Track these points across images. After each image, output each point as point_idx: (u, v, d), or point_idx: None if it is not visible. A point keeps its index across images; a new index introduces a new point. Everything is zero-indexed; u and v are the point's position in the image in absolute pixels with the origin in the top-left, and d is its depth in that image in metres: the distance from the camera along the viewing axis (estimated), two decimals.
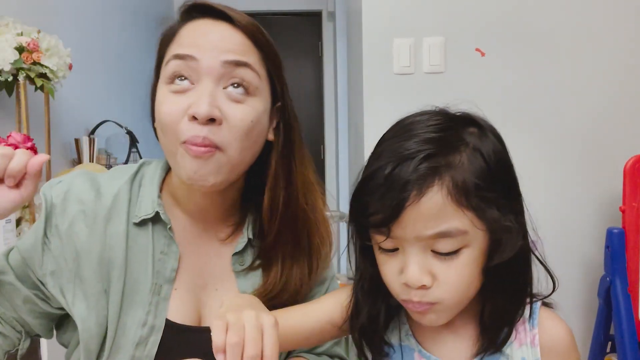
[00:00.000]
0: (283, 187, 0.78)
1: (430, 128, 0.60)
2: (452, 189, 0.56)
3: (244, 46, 0.71)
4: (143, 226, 0.75)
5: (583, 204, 1.74)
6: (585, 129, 1.75)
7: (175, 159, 0.70)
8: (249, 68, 0.71)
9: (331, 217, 2.01)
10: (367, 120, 1.76)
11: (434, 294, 0.60)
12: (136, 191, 0.78)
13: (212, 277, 0.79)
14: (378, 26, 1.73)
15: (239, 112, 0.70)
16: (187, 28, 0.73)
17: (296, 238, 0.79)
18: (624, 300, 1.53)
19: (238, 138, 0.70)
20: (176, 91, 0.70)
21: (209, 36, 0.71)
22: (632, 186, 1.55)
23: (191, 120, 0.68)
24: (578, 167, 1.73)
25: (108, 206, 0.75)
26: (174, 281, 0.76)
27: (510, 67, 1.74)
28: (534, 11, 1.74)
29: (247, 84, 0.71)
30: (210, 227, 0.80)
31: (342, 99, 3.84)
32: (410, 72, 1.73)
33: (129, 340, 0.72)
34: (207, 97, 0.68)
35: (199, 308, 0.78)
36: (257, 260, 0.80)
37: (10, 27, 1.57)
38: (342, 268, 3.91)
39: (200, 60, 0.69)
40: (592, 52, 1.74)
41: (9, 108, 1.69)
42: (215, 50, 0.69)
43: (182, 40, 0.72)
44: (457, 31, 1.73)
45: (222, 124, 0.69)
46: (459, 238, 0.58)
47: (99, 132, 2.38)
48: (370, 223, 0.60)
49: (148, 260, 0.74)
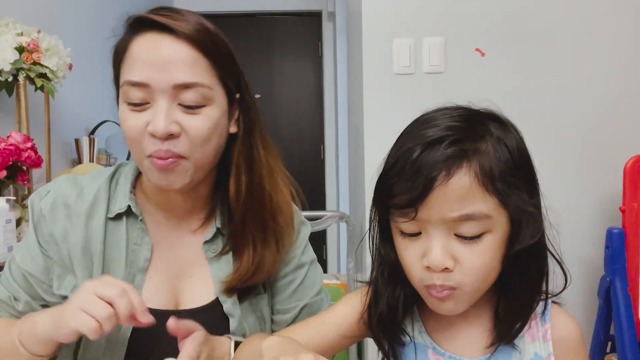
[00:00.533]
0: (246, 174, 0.83)
1: (454, 118, 0.61)
2: (479, 172, 0.58)
3: (191, 61, 0.75)
4: (118, 220, 0.82)
5: (583, 204, 1.74)
6: (586, 129, 1.75)
7: (144, 169, 0.78)
8: (199, 86, 0.75)
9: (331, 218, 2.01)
10: (367, 120, 1.76)
11: (455, 278, 0.60)
12: (114, 189, 0.84)
13: (186, 265, 0.85)
14: (378, 26, 1.73)
15: (196, 122, 0.75)
16: (136, 45, 0.76)
17: (263, 221, 0.84)
18: (624, 300, 1.53)
19: (199, 145, 0.76)
20: (134, 109, 0.76)
21: (156, 54, 0.74)
22: (632, 186, 1.55)
23: (152, 137, 0.74)
24: (578, 167, 1.73)
25: (89, 203, 0.82)
26: (148, 270, 0.82)
27: (510, 67, 1.74)
28: (534, 11, 1.74)
29: (199, 99, 0.75)
30: (182, 220, 0.86)
31: (342, 99, 3.84)
32: (410, 72, 1.73)
33: None
34: (163, 115, 0.73)
35: (176, 294, 0.83)
36: (227, 245, 0.85)
37: (10, 27, 1.57)
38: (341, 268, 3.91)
39: (152, 86, 0.74)
40: (592, 52, 1.74)
41: (9, 108, 1.69)
42: (165, 73, 0.73)
43: (133, 62, 0.75)
44: (457, 31, 1.73)
45: (181, 136, 0.75)
46: (482, 222, 0.59)
47: (99, 132, 2.38)
48: (396, 205, 0.60)
49: (122, 251, 0.81)
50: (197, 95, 0.75)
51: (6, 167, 1.43)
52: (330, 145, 4.19)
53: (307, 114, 4.26)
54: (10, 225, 1.38)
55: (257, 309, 0.86)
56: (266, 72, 4.22)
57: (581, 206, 1.74)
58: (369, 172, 1.76)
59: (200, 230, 0.86)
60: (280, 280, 0.89)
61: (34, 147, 1.52)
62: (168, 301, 0.82)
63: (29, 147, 1.49)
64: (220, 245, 0.85)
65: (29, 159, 1.48)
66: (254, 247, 0.83)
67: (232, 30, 4.17)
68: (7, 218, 1.37)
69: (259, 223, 0.83)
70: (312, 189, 4.21)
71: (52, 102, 1.79)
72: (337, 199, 4.10)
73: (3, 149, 1.41)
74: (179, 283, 0.84)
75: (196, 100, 0.75)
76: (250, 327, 0.84)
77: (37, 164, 1.52)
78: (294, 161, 4.25)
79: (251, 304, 0.85)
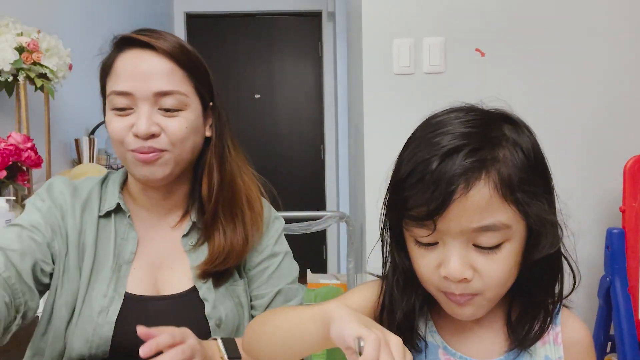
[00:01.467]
0: (217, 171, 0.94)
1: (468, 123, 0.60)
2: (498, 182, 0.57)
3: (169, 71, 0.87)
4: (108, 217, 0.93)
5: (583, 204, 1.74)
6: (585, 129, 1.75)
7: (127, 163, 0.89)
8: (176, 93, 0.87)
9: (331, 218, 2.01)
10: (367, 120, 1.76)
11: (475, 286, 0.60)
12: (104, 191, 0.95)
13: (167, 257, 0.93)
14: (378, 26, 1.73)
15: (174, 124, 0.87)
16: (120, 60, 0.88)
17: (232, 212, 0.94)
18: (624, 300, 1.53)
19: (177, 141, 0.87)
20: (119, 114, 0.87)
21: (139, 67, 0.86)
22: (632, 186, 1.55)
23: (135, 137, 0.85)
24: (578, 167, 1.73)
25: (84, 199, 0.92)
26: (133, 262, 0.91)
27: (510, 67, 1.74)
28: (534, 11, 1.74)
29: (177, 104, 0.87)
30: (162, 217, 0.96)
31: (342, 99, 3.84)
32: (410, 72, 1.73)
33: (93, 309, 0.85)
34: (145, 118, 0.85)
35: (157, 283, 0.91)
36: (201, 237, 0.94)
37: (10, 27, 1.57)
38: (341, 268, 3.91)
39: (135, 94, 0.85)
40: (592, 52, 1.74)
41: (9, 108, 1.69)
42: (146, 82, 0.85)
43: (118, 75, 0.87)
44: (457, 31, 1.73)
45: (161, 135, 0.86)
46: (502, 232, 0.58)
47: (99, 133, 2.38)
48: (413, 217, 0.59)
49: (111, 244, 0.90)
50: (174, 101, 0.87)
51: (6, 167, 1.43)
52: (330, 145, 4.19)
53: (307, 114, 4.26)
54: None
55: (235, 295, 0.94)
56: (266, 72, 4.22)
57: (581, 206, 1.74)
58: (369, 172, 1.76)
59: (178, 225, 0.96)
60: (255, 268, 0.97)
61: (34, 147, 1.52)
62: (149, 288, 0.90)
63: (29, 147, 1.49)
64: (196, 237, 0.95)
65: (28, 159, 1.48)
66: (224, 234, 0.92)
67: (232, 30, 4.17)
68: (7, 218, 1.37)
69: (227, 213, 0.94)
70: (312, 189, 4.21)
71: (52, 102, 1.79)
72: (337, 199, 4.10)
73: (3, 149, 1.41)
74: (160, 274, 0.92)
75: (174, 104, 0.87)
76: (227, 312, 0.91)
77: (37, 164, 1.52)
78: (294, 161, 4.25)
79: (227, 289, 0.93)
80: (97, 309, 0.85)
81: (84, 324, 0.85)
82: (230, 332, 0.90)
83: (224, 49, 4.13)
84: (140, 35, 0.88)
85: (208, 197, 0.93)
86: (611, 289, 1.56)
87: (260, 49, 4.19)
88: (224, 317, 0.90)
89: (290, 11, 4.19)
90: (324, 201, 4.20)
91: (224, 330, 0.89)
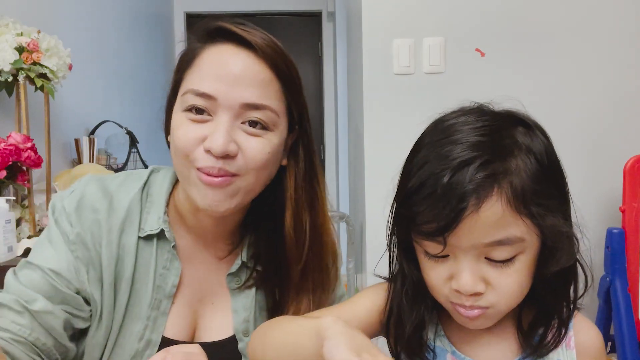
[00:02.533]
0: (307, 210, 0.77)
1: (479, 130, 0.57)
2: (511, 196, 0.54)
3: (265, 80, 0.71)
4: (148, 240, 0.76)
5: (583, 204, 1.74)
6: (585, 129, 1.75)
7: (189, 182, 0.71)
8: (268, 109, 0.71)
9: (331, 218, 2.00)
10: (367, 120, 1.76)
11: (487, 299, 0.58)
12: (145, 202, 0.78)
13: (209, 292, 0.80)
14: (378, 27, 1.73)
15: (256, 145, 0.70)
16: (208, 54, 0.72)
17: (323, 263, 0.79)
18: (624, 300, 1.53)
19: (254, 168, 0.71)
20: (193, 119, 0.70)
21: (230, 68, 0.70)
22: (632, 186, 1.55)
23: (207, 152, 0.69)
24: (578, 167, 1.73)
25: (122, 218, 0.75)
26: (174, 296, 0.77)
27: (510, 67, 1.74)
28: (534, 11, 1.74)
29: (265, 122, 0.71)
30: (210, 245, 0.81)
31: (342, 99, 3.84)
32: (410, 72, 1.73)
33: (125, 352, 0.73)
34: (224, 132, 0.68)
35: (195, 320, 0.79)
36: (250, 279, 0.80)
37: (10, 27, 1.57)
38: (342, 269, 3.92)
39: (219, 99, 0.69)
40: (592, 52, 1.74)
41: (9, 108, 1.69)
42: (235, 88, 0.69)
43: (202, 71, 0.71)
44: (457, 32, 1.73)
45: (237, 156, 0.70)
46: (515, 245, 0.56)
47: (98, 132, 2.38)
48: (422, 232, 0.57)
49: (150, 274, 0.75)
50: (263, 118, 0.71)
51: (6, 167, 1.43)
52: (330, 145, 4.19)
53: None
54: (10, 225, 1.38)
55: None
56: None
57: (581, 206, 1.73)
58: (369, 172, 1.76)
59: (227, 258, 0.81)
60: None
61: (34, 147, 1.52)
62: (187, 329, 0.78)
63: (28, 147, 1.49)
64: (244, 277, 0.81)
65: (28, 159, 1.48)
66: (314, 293, 0.78)
67: None
68: (7, 218, 1.37)
69: (317, 269, 0.78)
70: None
71: (52, 102, 1.78)
72: (337, 199, 4.10)
73: (3, 149, 1.41)
74: (200, 309, 0.80)
75: (261, 122, 0.71)
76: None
77: (37, 164, 1.52)
78: None
79: None
80: (131, 353, 0.73)
81: None
82: None
83: None
84: (237, 27, 0.71)
85: (296, 241, 0.76)
86: (611, 289, 1.56)
87: None
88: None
89: (290, 11, 4.20)
90: None
91: None
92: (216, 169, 0.69)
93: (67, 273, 0.71)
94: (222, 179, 0.69)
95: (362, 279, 1.93)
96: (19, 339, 0.66)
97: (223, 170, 0.69)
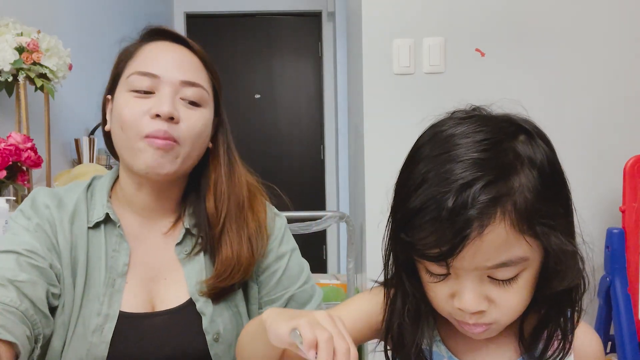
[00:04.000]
0: (226, 183, 0.91)
1: (479, 145, 0.55)
2: (514, 218, 0.53)
3: (197, 67, 0.87)
4: (97, 228, 0.86)
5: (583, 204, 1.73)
6: (585, 129, 1.75)
7: (135, 152, 0.82)
8: (201, 87, 0.86)
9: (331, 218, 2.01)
10: (367, 120, 1.76)
11: (490, 316, 0.58)
12: (90, 199, 0.89)
13: (160, 268, 0.89)
14: (378, 26, 1.73)
15: (193, 116, 0.85)
16: (148, 47, 0.87)
17: (239, 224, 0.90)
18: (624, 300, 1.53)
19: (192, 136, 0.84)
20: (138, 96, 0.83)
21: (169, 55, 0.85)
22: (631, 186, 1.55)
23: (153, 118, 0.81)
24: (578, 167, 1.73)
25: (71, 211, 0.86)
26: (126, 275, 0.86)
27: (510, 67, 1.74)
28: (534, 11, 1.74)
29: (199, 99, 0.86)
30: (154, 223, 0.91)
31: (342, 99, 3.84)
32: (410, 72, 1.73)
33: (87, 328, 0.81)
34: (169, 99, 0.82)
35: (151, 298, 0.87)
36: (196, 246, 0.90)
37: (10, 27, 1.57)
38: (341, 268, 3.91)
39: (161, 77, 0.83)
40: (592, 52, 1.74)
41: (9, 108, 1.69)
42: (174, 69, 0.84)
43: (144, 58, 0.85)
44: (456, 31, 1.73)
45: (179, 123, 0.83)
46: (519, 265, 0.56)
47: (99, 133, 2.38)
48: (425, 255, 0.56)
49: (102, 257, 0.85)
50: (198, 94, 0.86)
51: (6, 167, 1.43)
52: (330, 145, 4.19)
53: (307, 114, 4.26)
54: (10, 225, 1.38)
55: (232, 304, 0.89)
56: (266, 72, 4.22)
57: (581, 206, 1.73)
58: (369, 172, 1.76)
59: (170, 232, 0.91)
60: (263, 273, 0.93)
61: (34, 147, 1.52)
62: (144, 304, 0.86)
63: (28, 147, 1.49)
64: (190, 245, 0.90)
65: (28, 159, 1.48)
66: (231, 248, 0.88)
67: (232, 30, 4.17)
68: (7, 218, 1.37)
69: (234, 225, 0.90)
70: (312, 189, 4.21)
71: (52, 102, 1.79)
72: (337, 199, 4.10)
73: (3, 149, 1.41)
74: (154, 286, 0.87)
75: (197, 97, 0.85)
76: (225, 324, 0.87)
77: (37, 164, 1.52)
78: (294, 161, 4.25)
79: (226, 300, 0.89)
80: (91, 328, 0.81)
81: (78, 344, 0.80)
82: (229, 344, 0.87)
83: (223, 49, 4.13)
84: (171, 29, 0.89)
85: (216, 207, 0.89)
86: (611, 289, 1.56)
87: (260, 49, 4.19)
88: (222, 331, 0.86)
89: (290, 11, 4.19)
90: (324, 201, 4.20)
91: (222, 343, 0.86)
92: (162, 131, 0.80)
93: (40, 251, 0.80)
94: (166, 142, 0.81)
95: (362, 279, 1.93)
96: (10, 310, 0.71)
97: (168, 134, 0.81)
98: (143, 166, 0.82)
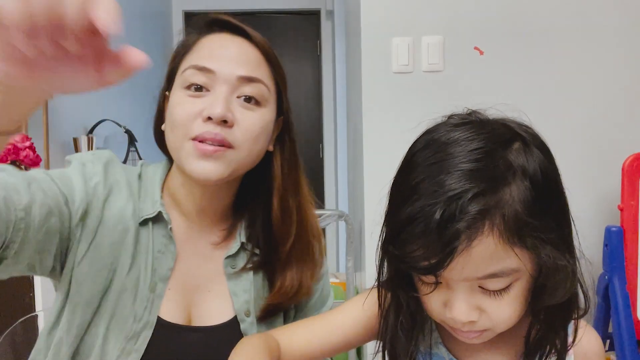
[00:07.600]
0: (293, 196, 0.83)
1: (470, 155, 0.54)
2: (503, 230, 0.53)
3: (257, 60, 0.79)
4: (144, 225, 0.79)
5: (581, 202, 1.74)
6: (584, 127, 1.75)
7: (183, 154, 0.75)
8: (261, 83, 0.78)
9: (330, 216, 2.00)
10: (366, 119, 1.76)
11: (483, 324, 0.58)
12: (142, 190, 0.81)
13: (204, 279, 0.82)
14: (377, 25, 1.73)
15: (250, 117, 0.76)
16: (207, 40, 0.79)
17: (307, 242, 0.85)
18: (623, 298, 1.54)
19: (248, 140, 0.76)
20: (192, 95, 0.76)
21: (227, 49, 0.78)
22: (630, 184, 1.56)
23: (205, 121, 0.73)
24: (576, 165, 1.73)
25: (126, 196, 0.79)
26: (169, 280, 0.79)
27: (509, 66, 1.74)
28: (533, 10, 1.74)
29: (258, 97, 0.78)
30: (204, 230, 0.84)
31: (341, 97, 3.84)
32: (409, 70, 1.73)
33: (122, 332, 0.74)
34: (222, 100, 0.74)
35: (190, 308, 0.80)
36: (249, 263, 0.83)
37: None
38: (341, 267, 3.91)
39: (217, 73, 0.75)
40: (591, 51, 1.74)
41: None
42: (232, 64, 0.76)
43: (201, 52, 0.78)
44: (455, 30, 1.73)
45: (233, 127, 0.75)
46: (510, 276, 0.55)
47: (97, 131, 2.38)
48: (413, 268, 0.56)
49: (148, 257, 0.77)
50: (257, 92, 0.77)
51: None
52: (329, 144, 4.19)
53: (306, 113, 4.26)
54: None
55: (272, 326, 0.84)
56: None
57: (579, 204, 1.73)
58: (368, 171, 1.76)
59: (223, 244, 0.84)
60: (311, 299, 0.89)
61: (32, 146, 1.52)
62: (182, 315, 0.79)
63: (27, 146, 1.49)
64: (242, 261, 0.83)
65: (27, 158, 1.48)
66: (296, 274, 0.83)
67: None
68: None
69: (303, 245, 0.84)
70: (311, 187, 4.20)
71: (51, 101, 1.78)
72: (335, 198, 4.10)
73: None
74: (195, 297, 0.81)
75: (255, 94, 0.77)
76: None
77: (35, 163, 1.52)
78: None
79: (266, 322, 0.83)
80: (127, 334, 0.74)
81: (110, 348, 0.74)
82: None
83: None
84: (232, 18, 0.81)
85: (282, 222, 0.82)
86: (609, 287, 1.56)
87: None
88: None
89: (288, 9, 4.19)
90: (323, 200, 4.20)
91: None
92: (213, 134, 0.73)
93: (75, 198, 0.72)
94: (216, 148, 0.73)
95: (361, 278, 1.93)
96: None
97: (220, 136, 0.73)
98: (192, 171, 0.74)
